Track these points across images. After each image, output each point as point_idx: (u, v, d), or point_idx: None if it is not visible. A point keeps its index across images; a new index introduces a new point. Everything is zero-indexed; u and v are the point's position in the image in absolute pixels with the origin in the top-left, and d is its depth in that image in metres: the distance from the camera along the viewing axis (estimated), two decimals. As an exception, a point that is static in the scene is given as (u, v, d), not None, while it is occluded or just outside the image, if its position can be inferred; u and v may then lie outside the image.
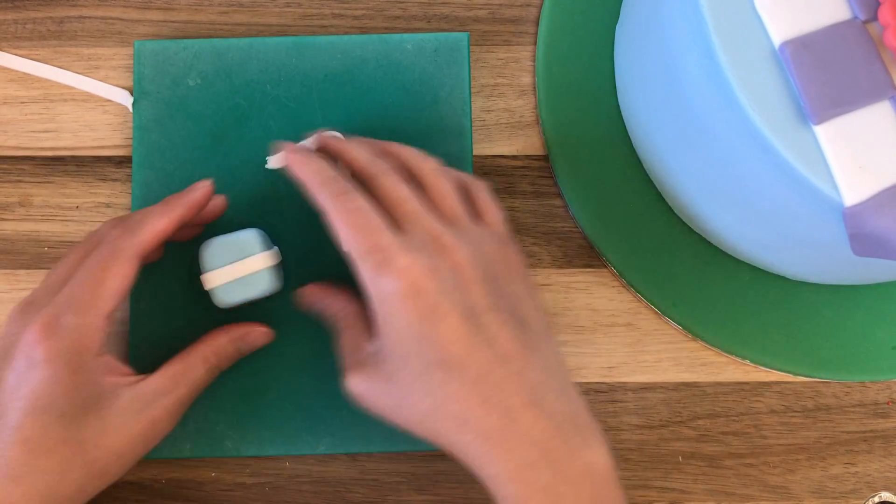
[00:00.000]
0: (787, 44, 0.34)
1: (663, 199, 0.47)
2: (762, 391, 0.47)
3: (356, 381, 0.37)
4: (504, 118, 0.49)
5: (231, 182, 0.46)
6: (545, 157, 0.48)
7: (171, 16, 0.49)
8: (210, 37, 0.49)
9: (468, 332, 0.35)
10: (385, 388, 0.36)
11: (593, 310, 0.47)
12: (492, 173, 0.48)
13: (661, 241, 0.47)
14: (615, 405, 0.46)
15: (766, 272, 0.47)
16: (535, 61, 0.49)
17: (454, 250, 0.36)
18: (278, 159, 0.39)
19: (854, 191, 0.34)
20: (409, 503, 0.46)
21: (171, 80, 0.47)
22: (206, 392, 0.41)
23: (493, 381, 0.35)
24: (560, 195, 0.48)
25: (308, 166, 0.38)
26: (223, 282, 0.41)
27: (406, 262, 0.35)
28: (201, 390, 0.41)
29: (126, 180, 0.48)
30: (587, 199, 0.47)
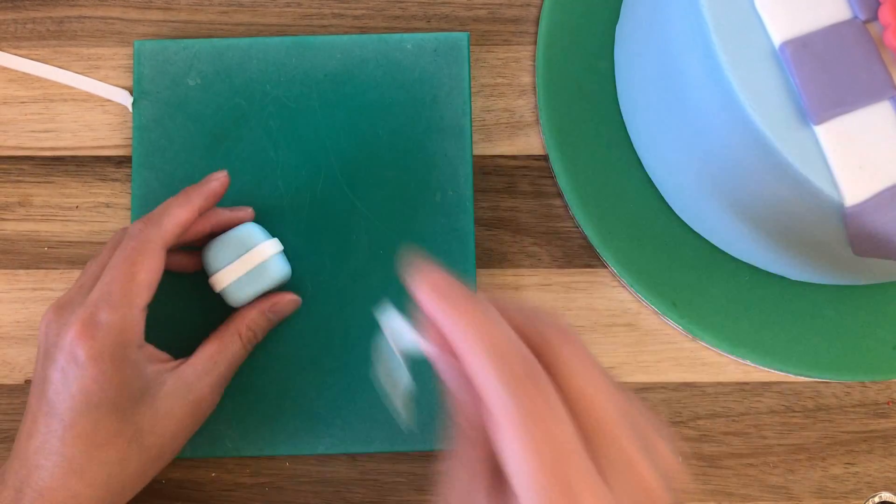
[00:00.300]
0: (787, 44, 0.34)
1: (663, 199, 0.47)
2: (762, 391, 0.47)
3: None
4: (504, 118, 0.49)
5: (231, 182, 0.45)
6: (545, 157, 0.48)
7: (171, 16, 0.49)
8: (210, 37, 0.49)
9: None
10: None
11: (593, 310, 0.47)
12: (492, 173, 0.48)
13: (661, 241, 0.47)
14: (615, 405, 0.46)
15: (766, 272, 0.47)
16: (535, 61, 0.49)
17: None
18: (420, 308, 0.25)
19: (854, 191, 0.34)
20: (409, 503, 0.46)
21: (171, 80, 0.47)
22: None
23: None
24: (560, 195, 0.48)
25: (474, 322, 0.25)
26: (233, 279, 0.41)
27: None
28: (240, 363, 0.42)
29: (126, 180, 0.48)
30: (587, 199, 0.47)
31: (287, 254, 0.44)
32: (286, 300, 0.43)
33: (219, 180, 0.42)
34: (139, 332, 0.38)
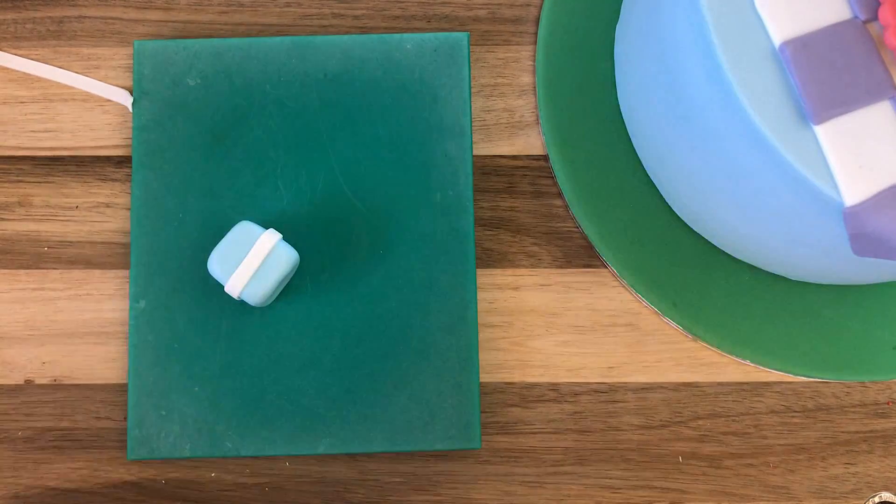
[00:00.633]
0: (787, 44, 0.34)
1: (663, 199, 0.47)
2: (762, 391, 0.47)
3: None
4: (504, 118, 0.49)
5: (231, 182, 0.46)
6: (545, 157, 0.48)
7: (171, 16, 0.49)
8: (210, 37, 0.49)
9: None
10: None
11: (593, 310, 0.47)
12: (492, 173, 0.48)
13: (661, 241, 0.47)
14: (615, 405, 0.46)
15: (766, 272, 0.47)
16: (535, 61, 0.49)
17: None
18: None
19: (854, 191, 0.34)
20: (409, 503, 0.46)
21: (171, 80, 0.47)
22: (207, 392, 0.41)
23: None
24: (560, 195, 0.48)
25: None
26: (247, 279, 0.41)
27: None
28: None
29: (126, 180, 0.48)
30: (587, 199, 0.47)
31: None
32: None
33: None
34: None
